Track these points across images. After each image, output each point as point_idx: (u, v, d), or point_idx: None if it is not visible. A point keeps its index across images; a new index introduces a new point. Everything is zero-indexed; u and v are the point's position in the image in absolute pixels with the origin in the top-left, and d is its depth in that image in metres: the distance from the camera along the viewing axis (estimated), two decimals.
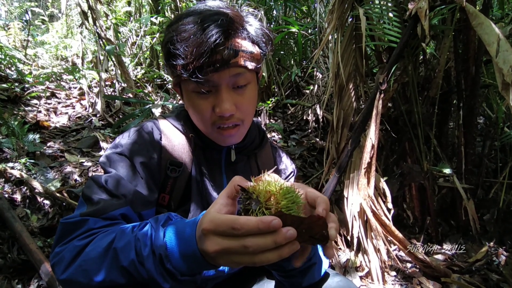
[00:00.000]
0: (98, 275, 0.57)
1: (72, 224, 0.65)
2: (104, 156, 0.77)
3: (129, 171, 0.74)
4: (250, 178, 0.55)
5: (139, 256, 0.55)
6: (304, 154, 2.84)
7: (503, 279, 1.51)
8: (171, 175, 0.79)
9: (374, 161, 1.56)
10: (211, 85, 0.71)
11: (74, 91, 3.97)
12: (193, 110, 0.77)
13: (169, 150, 0.81)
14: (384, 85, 1.48)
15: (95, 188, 0.70)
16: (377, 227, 1.61)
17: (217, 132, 0.77)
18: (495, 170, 2.20)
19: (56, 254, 0.62)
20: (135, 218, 0.71)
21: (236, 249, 0.45)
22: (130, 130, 0.81)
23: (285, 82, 3.60)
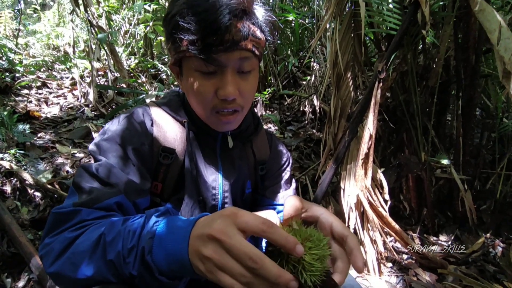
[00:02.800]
0: (87, 269, 0.53)
1: (64, 214, 0.61)
2: (93, 144, 0.73)
3: (120, 158, 0.71)
4: (246, 167, 0.51)
5: (124, 248, 0.51)
6: (300, 146, 2.81)
7: (499, 270, 1.51)
8: (163, 162, 0.76)
9: (371, 151, 1.53)
10: (218, 65, 0.68)
11: (66, 81, 3.90)
12: (194, 91, 0.72)
13: (161, 136, 0.77)
14: (383, 74, 1.44)
15: (86, 177, 0.67)
16: (374, 218, 1.59)
17: (215, 116, 0.74)
18: (492, 161, 2.19)
19: (45, 246, 0.59)
20: (130, 207, 0.68)
21: (234, 272, 0.41)
22: (119, 117, 0.77)
23: (281, 73, 3.55)
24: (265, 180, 0.95)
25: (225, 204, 0.83)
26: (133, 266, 0.50)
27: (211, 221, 0.45)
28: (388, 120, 1.92)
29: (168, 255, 0.48)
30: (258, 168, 0.92)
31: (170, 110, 0.81)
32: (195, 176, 0.78)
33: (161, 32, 3.78)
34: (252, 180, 0.92)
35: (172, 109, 0.81)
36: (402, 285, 1.57)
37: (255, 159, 0.90)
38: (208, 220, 0.46)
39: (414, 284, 1.54)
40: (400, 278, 1.62)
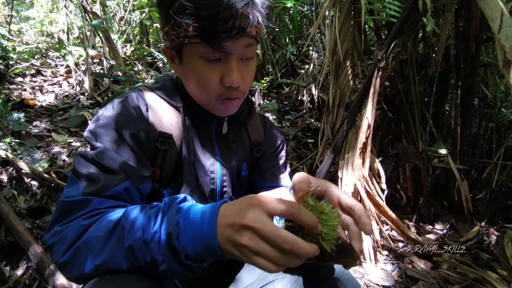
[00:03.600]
0: (101, 255, 0.54)
1: (74, 203, 0.60)
2: (88, 131, 0.72)
3: (118, 144, 0.70)
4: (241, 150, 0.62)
5: (146, 233, 0.52)
6: (298, 135, 2.81)
7: (493, 258, 1.53)
8: (160, 148, 0.75)
9: (369, 141, 1.53)
10: (225, 52, 0.67)
11: (60, 68, 3.84)
12: (197, 78, 0.71)
13: (157, 121, 0.76)
14: (383, 62, 1.42)
15: (87, 165, 0.65)
16: (371, 207, 1.60)
17: (221, 102, 0.74)
18: (489, 151, 2.20)
19: (56, 233, 0.58)
20: (135, 194, 0.68)
21: (270, 256, 0.45)
22: (113, 102, 0.75)
23: (279, 61, 3.51)
24: (261, 163, 0.96)
25: (223, 187, 0.83)
26: (158, 251, 0.51)
27: (240, 211, 0.47)
28: (387, 110, 1.92)
29: (195, 240, 0.50)
30: (254, 150, 0.92)
31: (165, 95, 0.79)
32: (193, 161, 0.77)
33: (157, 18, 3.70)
34: (248, 162, 0.92)
35: (167, 93, 0.80)
36: (397, 273, 1.60)
37: (251, 142, 0.91)
38: (236, 209, 0.48)
39: (409, 271, 1.56)
40: (395, 265, 1.64)
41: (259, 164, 0.95)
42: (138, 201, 0.68)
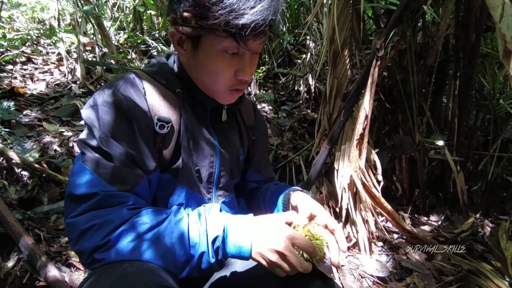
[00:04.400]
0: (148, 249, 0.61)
1: (110, 196, 0.64)
2: (89, 117, 0.69)
3: (129, 134, 0.69)
4: (237, 135, 0.90)
5: (199, 234, 0.63)
6: (294, 126, 2.78)
7: (487, 250, 1.54)
8: (160, 132, 0.74)
9: (367, 132, 1.51)
10: (249, 49, 0.70)
11: (52, 56, 3.75)
12: (213, 69, 0.73)
13: (155, 106, 0.75)
14: (381, 51, 1.39)
15: (103, 160, 0.66)
16: (367, 199, 1.59)
17: (229, 93, 0.78)
18: (484, 143, 2.20)
19: (95, 217, 0.61)
20: (148, 185, 0.71)
21: (288, 270, 0.65)
22: (112, 85, 0.72)
23: (276, 50, 3.45)
24: (255, 151, 0.99)
25: (221, 171, 0.84)
26: (207, 245, 0.63)
27: (276, 238, 0.64)
28: (384, 100, 1.89)
29: (234, 245, 0.64)
30: (250, 133, 0.97)
31: (162, 79, 0.78)
32: (191, 146, 0.78)
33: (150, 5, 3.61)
34: (244, 147, 0.95)
35: (164, 78, 0.79)
36: (392, 264, 1.60)
37: (245, 125, 0.94)
38: (272, 235, 0.65)
39: (404, 262, 1.57)
40: (390, 256, 1.64)
41: (254, 149, 0.98)
42: (148, 192, 0.72)
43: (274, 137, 2.60)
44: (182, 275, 0.63)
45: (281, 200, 0.88)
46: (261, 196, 0.96)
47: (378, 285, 1.46)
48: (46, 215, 1.70)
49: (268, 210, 0.93)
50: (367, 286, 1.46)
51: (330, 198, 1.85)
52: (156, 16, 4.40)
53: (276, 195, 0.91)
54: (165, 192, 0.77)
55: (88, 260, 0.61)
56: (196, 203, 0.79)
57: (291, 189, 0.89)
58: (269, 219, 0.68)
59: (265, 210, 0.94)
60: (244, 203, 1.00)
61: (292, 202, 0.84)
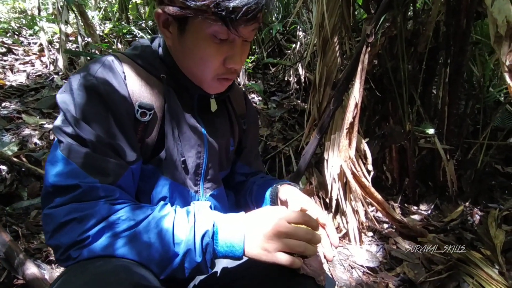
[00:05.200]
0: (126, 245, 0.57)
1: (93, 189, 0.59)
2: (64, 102, 0.63)
3: (108, 122, 0.64)
4: (227, 124, 0.85)
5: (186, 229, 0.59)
6: (284, 117, 2.74)
7: (476, 238, 1.54)
8: (141, 120, 0.69)
9: (356, 121, 1.48)
10: (239, 35, 0.65)
11: (34, 47, 3.62)
12: (200, 54, 0.68)
13: (136, 91, 0.69)
14: (371, 38, 1.35)
15: (82, 150, 0.61)
16: (357, 189, 1.57)
17: (217, 81, 0.73)
18: (474, 131, 2.20)
19: (75, 210, 0.57)
20: (131, 176, 0.67)
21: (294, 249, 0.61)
22: (88, 68, 0.66)
23: (265, 40, 3.38)
24: (246, 144, 0.94)
25: (209, 163, 0.79)
26: (193, 242, 0.58)
27: (269, 223, 0.60)
28: (375, 89, 1.86)
29: (224, 243, 0.60)
30: (241, 122, 0.91)
31: (144, 63, 0.72)
32: (177, 135, 0.72)
33: None
34: (235, 137, 0.90)
35: (146, 62, 0.73)
36: (382, 254, 1.59)
37: (236, 114, 0.88)
38: (264, 222, 0.61)
39: (394, 252, 1.56)
40: (380, 246, 1.63)
41: (246, 140, 0.93)
42: (132, 184, 0.68)
43: (263, 128, 2.56)
44: (164, 274, 0.59)
45: (268, 194, 0.84)
46: (248, 191, 0.92)
47: (368, 275, 1.45)
48: (26, 210, 1.63)
49: (255, 205, 0.89)
50: (357, 276, 1.44)
51: (320, 188, 1.83)
52: (142, 5, 4.27)
53: (263, 189, 0.87)
54: (148, 185, 0.72)
55: (63, 256, 0.57)
56: (181, 196, 0.74)
57: (278, 182, 0.85)
58: (261, 212, 0.64)
59: (252, 205, 0.90)
60: (233, 196, 0.96)
61: (281, 196, 0.80)
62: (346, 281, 1.41)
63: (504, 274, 1.22)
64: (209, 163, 0.79)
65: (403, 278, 1.40)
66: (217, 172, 0.83)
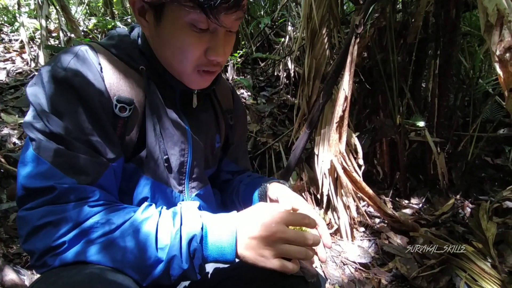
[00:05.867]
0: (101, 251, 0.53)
1: (69, 190, 0.55)
2: (35, 95, 0.58)
3: (84, 117, 0.59)
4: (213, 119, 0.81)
5: (166, 232, 0.55)
6: (274, 112, 2.69)
7: (468, 231, 1.53)
8: (120, 115, 0.64)
9: (346, 114, 1.44)
10: (219, 24, 0.60)
11: (15, 43, 3.51)
12: (178, 45, 0.63)
13: (114, 84, 0.64)
14: (361, 28, 1.31)
15: (58, 149, 0.56)
16: (348, 184, 1.54)
17: (197, 74, 0.67)
18: (463, 124, 2.19)
19: (50, 213, 0.53)
20: (112, 174, 0.63)
21: (291, 254, 0.58)
22: (59, 59, 0.60)
23: (254, 34, 3.33)
24: (232, 142, 0.89)
25: (194, 160, 0.74)
26: (179, 248, 0.54)
27: (267, 226, 0.56)
28: (364, 81, 1.83)
29: (214, 246, 0.56)
30: (228, 118, 0.86)
31: (121, 54, 0.67)
32: (158, 131, 0.67)
33: None
34: (222, 133, 0.85)
35: (124, 52, 0.67)
36: (374, 249, 1.57)
37: (222, 109, 0.83)
38: (259, 224, 0.57)
39: (386, 247, 1.54)
40: (372, 242, 1.61)
41: (233, 135, 0.89)
42: (114, 183, 0.64)
43: (253, 124, 2.51)
44: (147, 282, 0.55)
45: (256, 194, 0.80)
46: (234, 190, 0.88)
47: (361, 271, 1.42)
48: (5, 214, 1.56)
49: (242, 205, 0.85)
50: (350, 273, 1.42)
51: (310, 184, 1.79)
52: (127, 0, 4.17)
53: (251, 188, 0.83)
54: (130, 184, 0.67)
55: (38, 263, 0.53)
56: (164, 196, 0.70)
57: (266, 181, 0.81)
58: (253, 211, 0.61)
59: (239, 205, 0.86)
60: (219, 195, 0.91)
61: (271, 195, 0.76)
62: (338, 278, 1.38)
63: (497, 267, 1.20)
64: (193, 161, 0.74)
65: (395, 274, 1.38)
66: (202, 170, 0.78)
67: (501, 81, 1.16)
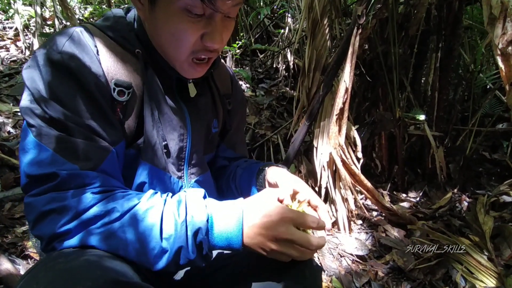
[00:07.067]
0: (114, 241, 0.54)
1: (72, 177, 0.54)
2: (31, 79, 0.56)
3: (83, 101, 0.58)
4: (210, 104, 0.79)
5: (171, 224, 0.55)
6: (273, 104, 2.68)
7: (465, 224, 1.53)
8: (119, 99, 0.62)
9: (347, 106, 1.43)
10: (215, 9, 0.58)
11: (9, 31, 3.45)
12: (172, 31, 0.61)
13: (112, 67, 0.62)
14: (363, 19, 1.29)
15: (58, 135, 0.55)
16: (346, 176, 1.53)
17: (191, 64, 0.66)
18: (462, 118, 2.19)
19: (54, 200, 0.53)
20: (116, 158, 0.62)
21: (294, 255, 0.59)
22: (55, 42, 0.58)
23: (253, 25, 3.29)
24: (231, 127, 0.88)
25: (193, 146, 0.73)
26: (186, 239, 0.54)
27: (274, 224, 0.57)
28: (365, 74, 1.81)
29: (221, 236, 0.57)
30: (226, 102, 0.84)
31: (117, 36, 0.65)
32: (156, 116, 0.66)
33: None
34: (219, 117, 0.84)
35: (119, 35, 0.65)
36: (371, 242, 1.57)
37: (219, 93, 0.82)
38: (268, 221, 0.57)
39: (383, 240, 1.54)
40: (369, 234, 1.61)
41: (231, 121, 0.87)
42: (118, 168, 0.63)
43: (251, 116, 2.49)
44: (155, 269, 0.55)
45: (254, 177, 0.79)
46: (231, 175, 0.86)
47: (358, 263, 1.43)
48: (0, 203, 1.54)
49: (239, 190, 0.84)
50: (346, 265, 1.42)
51: (309, 177, 1.79)
52: None
53: (248, 172, 0.82)
54: (130, 170, 0.67)
55: (48, 247, 0.54)
56: (162, 182, 0.69)
57: (264, 164, 0.80)
58: (260, 201, 0.60)
59: (235, 190, 0.85)
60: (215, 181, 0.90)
61: (270, 179, 0.75)
62: (335, 269, 1.39)
63: (493, 260, 1.21)
64: (193, 146, 0.73)
65: (392, 266, 1.38)
66: (202, 156, 0.77)
67: (503, 75, 1.15)
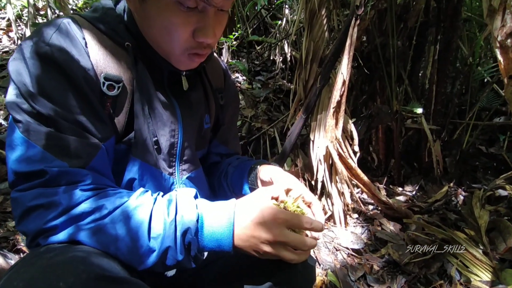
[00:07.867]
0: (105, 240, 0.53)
1: (61, 174, 0.52)
2: (17, 72, 0.54)
3: (72, 95, 0.56)
4: (202, 99, 0.77)
5: (159, 224, 0.54)
6: (269, 97, 2.65)
7: (460, 218, 1.53)
8: (109, 94, 0.60)
9: (344, 99, 1.41)
10: (208, 2, 0.57)
11: (1, 22, 3.38)
12: (165, 25, 0.59)
13: (101, 60, 0.60)
14: (361, 9, 1.26)
15: (47, 131, 0.53)
16: (343, 170, 1.53)
17: (187, 57, 0.64)
18: (459, 112, 2.18)
19: (41, 196, 0.52)
20: (107, 156, 0.61)
21: (287, 257, 0.58)
22: (41, 33, 0.56)
23: (250, 16, 3.24)
24: (223, 123, 0.86)
25: (185, 142, 0.71)
26: (174, 239, 0.53)
27: (266, 227, 0.55)
28: (363, 66, 1.79)
29: (210, 236, 0.55)
30: (218, 97, 0.82)
31: (106, 29, 0.62)
32: (147, 111, 0.64)
33: None
34: (211, 113, 0.82)
35: (108, 27, 0.63)
36: (367, 235, 1.57)
37: (212, 88, 0.80)
38: (260, 223, 0.55)
39: (379, 233, 1.54)
40: (365, 228, 1.61)
41: (224, 116, 0.85)
42: (108, 165, 0.62)
43: (248, 109, 2.47)
44: (140, 268, 0.54)
45: (246, 175, 0.78)
46: (223, 173, 0.85)
47: (353, 257, 1.43)
48: None
49: (231, 188, 0.82)
50: (342, 258, 1.42)
51: (305, 170, 1.78)
52: None
53: (240, 170, 0.80)
54: (120, 166, 0.65)
55: (33, 243, 0.53)
56: (152, 178, 0.67)
57: (256, 163, 0.79)
58: (253, 202, 0.59)
59: (227, 188, 0.83)
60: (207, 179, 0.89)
61: (262, 177, 0.74)
62: (330, 263, 1.38)
63: (488, 254, 1.21)
64: (184, 142, 0.71)
65: (387, 260, 1.38)
66: (194, 153, 0.75)
67: (501, 68, 1.13)
